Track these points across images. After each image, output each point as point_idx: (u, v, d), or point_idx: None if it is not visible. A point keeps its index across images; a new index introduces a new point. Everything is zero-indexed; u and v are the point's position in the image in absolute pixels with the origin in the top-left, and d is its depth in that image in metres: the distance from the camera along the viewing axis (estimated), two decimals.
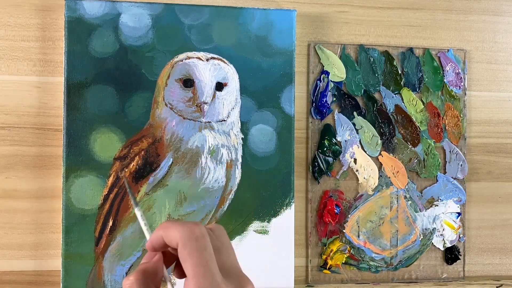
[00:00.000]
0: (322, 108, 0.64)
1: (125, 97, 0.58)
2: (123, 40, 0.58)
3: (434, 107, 0.66)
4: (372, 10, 0.66)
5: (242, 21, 0.60)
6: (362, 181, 0.65)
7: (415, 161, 0.66)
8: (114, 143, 0.58)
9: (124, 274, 0.58)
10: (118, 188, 0.57)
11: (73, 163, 0.57)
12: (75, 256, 0.57)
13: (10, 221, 0.58)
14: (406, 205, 0.65)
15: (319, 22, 0.65)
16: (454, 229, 0.66)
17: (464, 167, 0.67)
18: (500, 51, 0.69)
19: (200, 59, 0.59)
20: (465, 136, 0.67)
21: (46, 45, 0.59)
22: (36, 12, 0.59)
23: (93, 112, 0.57)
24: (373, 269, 0.65)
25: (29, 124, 0.59)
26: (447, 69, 0.67)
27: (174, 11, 0.59)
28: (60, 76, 0.59)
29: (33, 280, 0.59)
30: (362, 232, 0.64)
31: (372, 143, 0.65)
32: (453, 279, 0.66)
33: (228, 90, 0.60)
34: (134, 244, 0.58)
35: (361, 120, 0.65)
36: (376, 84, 0.65)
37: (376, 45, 0.66)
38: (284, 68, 0.61)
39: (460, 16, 0.68)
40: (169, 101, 0.59)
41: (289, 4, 0.64)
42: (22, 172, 0.59)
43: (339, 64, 0.64)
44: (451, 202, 0.66)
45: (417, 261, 0.66)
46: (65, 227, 0.56)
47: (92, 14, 0.58)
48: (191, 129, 0.59)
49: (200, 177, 0.59)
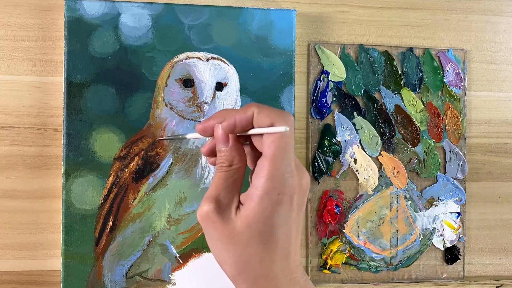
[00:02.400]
0: (322, 108, 0.64)
1: (125, 97, 0.58)
2: (123, 40, 0.58)
3: (434, 107, 0.66)
4: (372, 10, 0.66)
5: (242, 21, 0.60)
6: (362, 181, 0.65)
7: (415, 161, 0.66)
8: (114, 143, 0.58)
9: (124, 274, 0.58)
10: (118, 188, 0.57)
11: (73, 163, 0.57)
12: (75, 256, 0.57)
13: (10, 221, 0.58)
14: (406, 205, 0.65)
15: (319, 22, 0.65)
16: (454, 229, 0.66)
17: (464, 167, 0.67)
18: (500, 51, 0.69)
19: (200, 59, 0.59)
20: (465, 136, 0.67)
21: (46, 45, 0.59)
22: (36, 12, 0.59)
23: (93, 112, 0.57)
24: (373, 269, 0.65)
25: (29, 124, 0.59)
26: (447, 69, 0.67)
27: (174, 11, 0.59)
28: (60, 76, 0.59)
29: (33, 280, 0.59)
30: (362, 232, 0.64)
31: (372, 143, 0.65)
32: (453, 279, 0.66)
33: (228, 90, 0.60)
34: (134, 244, 0.58)
35: (361, 120, 0.65)
36: (376, 84, 0.65)
37: (376, 45, 0.66)
38: (284, 68, 0.61)
39: (460, 16, 0.68)
40: (169, 101, 0.59)
41: (289, 4, 0.64)
42: (22, 172, 0.59)
43: (339, 64, 0.64)
44: (451, 202, 0.66)
45: (417, 261, 0.66)
46: (65, 227, 0.56)
47: (92, 14, 0.58)
48: (191, 129, 0.59)
49: (200, 177, 0.59)
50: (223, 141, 0.36)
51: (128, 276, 0.58)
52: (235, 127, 0.36)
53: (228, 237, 0.34)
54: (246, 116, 0.35)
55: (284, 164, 0.34)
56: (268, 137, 0.34)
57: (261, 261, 0.34)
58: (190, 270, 0.59)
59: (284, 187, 0.34)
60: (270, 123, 0.34)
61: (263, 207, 0.33)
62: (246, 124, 0.35)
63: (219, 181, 0.36)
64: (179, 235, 0.59)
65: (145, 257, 0.58)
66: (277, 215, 0.34)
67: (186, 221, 0.59)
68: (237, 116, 0.35)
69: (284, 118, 0.34)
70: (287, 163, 0.34)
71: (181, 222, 0.59)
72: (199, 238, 0.59)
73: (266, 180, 0.33)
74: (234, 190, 0.36)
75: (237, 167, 0.36)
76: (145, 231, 0.58)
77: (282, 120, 0.34)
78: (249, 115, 0.35)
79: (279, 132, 0.33)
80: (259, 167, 0.34)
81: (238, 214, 0.35)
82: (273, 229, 0.34)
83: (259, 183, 0.34)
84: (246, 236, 0.34)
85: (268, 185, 0.33)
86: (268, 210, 0.33)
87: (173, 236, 0.59)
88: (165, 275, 0.59)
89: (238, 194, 0.36)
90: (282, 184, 0.34)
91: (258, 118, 0.35)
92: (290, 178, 0.34)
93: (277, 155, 0.33)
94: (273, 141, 0.34)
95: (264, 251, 0.34)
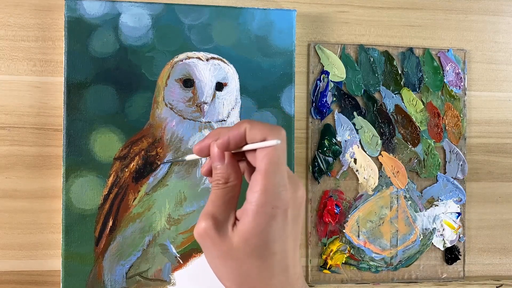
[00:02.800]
0: (322, 108, 0.64)
1: (125, 97, 0.58)
2: (123, 40, 0.58)
3: (434, 107, 0.66)
4: (372, 10, 0.66)
5: (242, 21, 0.60)
6: (362, 181, 0.65)
7: (415, 161, 0.66)
8: (114, 143, 0.58)
9: (124, 274, 0.58)
10: (118, 188, 0.57)
11: (73, 163, 0.57)
12: (75, 256, 0.57)
13: (10, 221, 0.58)
14: (406, 205, 0.65)
15: (319, 22, 0.65)
16: (454, 229, 0.66)
17: (464, 167, 0.67)
18: (500, 51, 0.69)
19: (200, 59, 0.59)
20: (465, 136, 0.67)
21: (46, 45, 0.59)
22: (36, 12, 0.59)
23: (93, 112, 0.57)
24: (373, 269, 0.65)
25: (29, 124, 0.59)
26: (447, 69, 0.67)
27: (174, 11, 0.59)
28: (60, 76, 0.59)
29: (33, 280, 0.59)
30: (362, 232, 0.64)
31: (372, 143, 0.65)
32: (453, 279, 0.66)
33: (228, 90, 0.60)
34: (134, 244, 0.58)
35: (361, 120, 0.65)
36: (376, 84, 0.65)
37: (376, 45, 0.66)
38: (284, 68, 0.61)
39: (460, 16, 0.68)
40: (169, 101, 0.59)
41: (289, 4, 0.64)
42: (22, 172, 0.59)
43: (339, 64, 0.64)
44: (451, 202, 0.66)
45: (417, 261, 0.66)
46: (65, 227, 0.56)
47: (92, 14, 0.58)
48: (191, 129, 0.59)
49: (200, 177, 0.59)
50: (219, 158, 0.37)
51: (128, 276, 0.58)
52: (229, 144, 0.36)
53: (226, 253, 0.35)
54: (239, 132, 0.36)
55: (277, 178, 0.34)
56: (260, 151, 0.34)
57: (259, 275, 0.35)
58: (190, 270, 0.59)
59: (278, 201, 0.34)
60: (263, 138, 0.35)
61: (257, 222, 0.34)
62: (240, 141, 0.36)
63: (215, 198, 0.36)
64: (179, 235, 0.59)
65: (145, 257, 0.58)
66: (272, 229, 0.34)
67: (186, 221, 0.59)
68: (231, 134, 0.36)
69: (276, 132, 0.35)
70: (280, 177, 0.34)
71: (181, 222, 0.59)
72: None
73: (259, 195, 0.34)
74: (231, 207, 0.36)
75: (233, 184, 0.37)
76: (145, 231, 0.58)
77: (274, 134, 0.34)
78: (242, 131, 0.35)
79: (271, 145, 0.34)
80: (253, 182, 0.34)
81: (235, 230, 0.35)
82: (268, 243, 0.34)
83: (253, 197, 0.34)
84: (243, 251, 0.34)
85: (262, 199, 0.34)
86: (263, 224, 0.34)
87: (173, 236, 0.59)
88: (165, 275, 0.59)
89: (234, 211, 0.36)
90: (276, 198, 0.34)
91: (250, 134, 0.35)
92: (284, 191, 0.34)
93: (269, 169, 0.34)
94: (265, 155, 0.34)
95: (261, 265, 0.34)
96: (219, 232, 0.35)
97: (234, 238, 0.35)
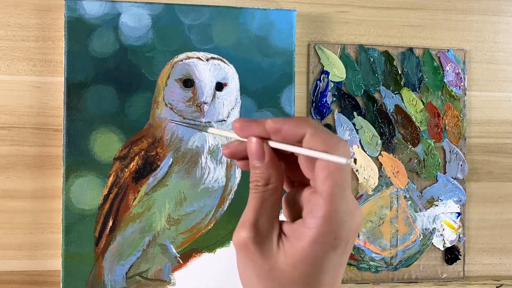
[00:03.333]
0: (322, 108, 0.64)
1: (125, 97, 0.58)
2: (123, 40, 0.58)
3: (434, 107, 0.66)
4: (372, 10, 0.66)
5: (242, 21, 0.60)
6: (362, 181, 0.65)
7: (415, 161, 0.66)
8: (114, 143, 0.58)
9: (124, 274, 0.58)
10: (118, 188, 0.57)
11: (73, 163, 0.57)
12: (75, 256, 0.57)
13: (10, 221, 0.58)
14: (406, 205, 0.65)
15: (319, 22, 0.65)
16: (454, 229, 0.66)
17: (464, 167, 0.67)
18: (500, 51, 0.69)
19: (200, 59, 0.59)
20: (465, 136, 0.67)
21: (46, 45, 0.59)
22: (36, 12, 0.59)
23: (93, 112, 0.57)
24: (373, 269, 0.65)
25: (29, 124, 0.59)
26: (447, 69, 0.67)
27: (174, 11, 0.59)
28: (60, 76, 0.59)
29: (33, 280, 0.59)
30: (362, 232, 0.64)
31: (372, 143, 0.65)
32: (453, 279, 0.66)
33: (228, 90, 0.60)
34: (134, 244, 0.58)
35: (361, 120, 0.65)
36: (376, 84, 0.65)
37: (376, 45, 0.66)
38: (284, 68, 0.61)
39: (460, 16, 0.68)
40: (169, 101, 0.59)
41: (289, 4, 0.64)
42: (22, 172, 0.59)
43: (339, 64, 0.64)
44: (451, 202, 0.66)
45: (417, 261, 0.66)
46: (65, 227, 0.56)
47: (92, 14, 0.58)
48: (191, 129, 0.59)
49: (200, 177, 0.59)
50: (258, 155, 0.32)
51: (128, 276, 0.58)
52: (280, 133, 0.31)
53: (267, 272, 0.31)
54: (295, 130, 0.30)
55: (343, 204, 0.29)
56: (322, 168, 0.29)
57: None
58: (190, 270, 0.59)
59: (342, 231, 0.30)
60: (324, 150, 0.29)
61: (315, 251, 0.30)
62: (291, 139, 0.31)
63: (255, 203, 0.31)
64: (179, 235, 0.59)
65: (145, 257, 0.58)
66: (329, 260, 0.30)
67: (186, 221, 0.59)
68: (286, 126, 0.30)
69: (342, 148, 0.29)
70: (346, 203, 0.30)
71: (181, 222, 0.59)
72: (199, 238, 0.59)
73: (323, 222, 0.29)
74: (273, 215, 0.31)
75: (274, 187, 0.32)
76: (145, 231, 0.58)
77: (340, 150, 0.29)
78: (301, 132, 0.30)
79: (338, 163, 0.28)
80: (314, 204, 0.30)
81: (282, 248, 0.31)
82: (321, 274, 0.30)
83: (313, 223, 0.29)
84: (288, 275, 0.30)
85: (324, 228, 0.29)
86: (321, 255, 0.30)
87: (173, 236, 0.59)
88: (165, 275, 0.59)
89: (278, 220, 0.32)
90: (340, 228, 0.30)
91: (310, 140, 0.30)
92: (349, 220, 0.30)
93: (335, 193, 0.29)
94: (329, 175, 0.29)
95: None
96: (261, 247, 0.31)
97: (280, 259, 0.30)
